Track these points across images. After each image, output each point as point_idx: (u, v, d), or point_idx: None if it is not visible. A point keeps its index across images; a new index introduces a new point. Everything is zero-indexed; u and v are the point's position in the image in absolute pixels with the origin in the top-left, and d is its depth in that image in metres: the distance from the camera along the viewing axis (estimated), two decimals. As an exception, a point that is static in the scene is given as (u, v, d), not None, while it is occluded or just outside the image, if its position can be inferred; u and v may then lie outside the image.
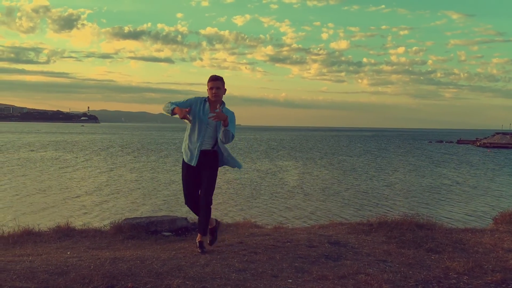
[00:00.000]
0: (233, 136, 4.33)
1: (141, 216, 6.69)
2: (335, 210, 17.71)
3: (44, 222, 12.95)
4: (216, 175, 4.46)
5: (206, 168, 4.41)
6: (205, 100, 4.42)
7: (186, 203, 4.55)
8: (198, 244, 4.46)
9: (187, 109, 4.27)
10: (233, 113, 4.42)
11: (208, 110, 4.37)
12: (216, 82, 4.37)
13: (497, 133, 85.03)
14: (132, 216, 6.59)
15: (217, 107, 4.32)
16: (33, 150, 47.69)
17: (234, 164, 4.55)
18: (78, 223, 7.83)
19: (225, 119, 4.18)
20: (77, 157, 39.99)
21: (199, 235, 4.49)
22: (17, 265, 3.76)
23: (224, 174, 28.98)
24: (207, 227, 4.47)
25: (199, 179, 4.42)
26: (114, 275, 3.48)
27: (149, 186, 23.40)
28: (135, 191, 21.51)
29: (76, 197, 19.70)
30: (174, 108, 4.27)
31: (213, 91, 4.35)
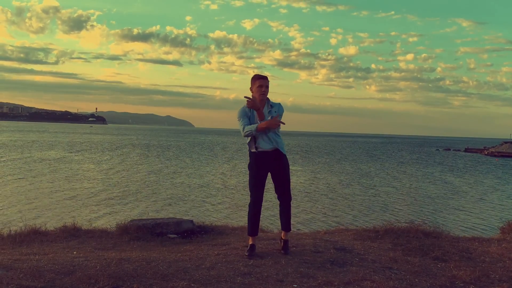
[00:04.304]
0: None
1: (147, 217, 6.71)
2: (341, 215, 17.66)
3: (50, 221, 13.03)
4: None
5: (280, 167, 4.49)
6: (249, 109, 4.32)
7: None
8: (284, 243, 4.51)
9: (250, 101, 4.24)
10: (280, 104, 4.42)
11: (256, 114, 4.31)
12: (266, 81, 4.30)
13: (505, 142, 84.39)
14: (138, 218, 6.61)
15: (273, 116, 4.29)
16: (42, 151, 47.99)
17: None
18: (84, 223, 7.86)
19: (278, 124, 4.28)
20: (85, 158, 40.19)
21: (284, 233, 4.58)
22: (24, 263, 3.78)
23: (229, 178, 28.99)
24: None
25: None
26: (120, 276, 3.50)
27: (155, 188, 23.46)
28: (141, 193, 21.57)
29: (83, 197, 19.80)
30: (248, 125, 4.27)
31: (263, 89, 4.27)
